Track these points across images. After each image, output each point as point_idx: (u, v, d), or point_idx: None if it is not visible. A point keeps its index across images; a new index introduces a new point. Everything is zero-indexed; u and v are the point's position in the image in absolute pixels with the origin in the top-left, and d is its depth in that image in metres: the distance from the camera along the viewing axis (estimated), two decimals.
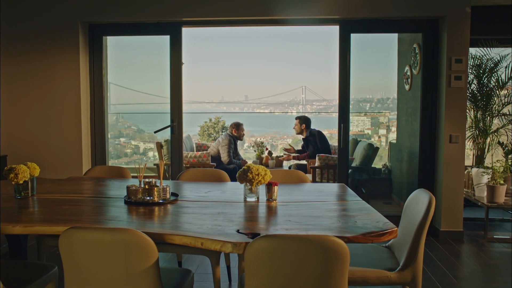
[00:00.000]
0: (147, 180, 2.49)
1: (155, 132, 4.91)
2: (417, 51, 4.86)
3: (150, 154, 9.33)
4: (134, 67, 8.33)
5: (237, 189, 2.81)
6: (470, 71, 4.94)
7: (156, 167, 6.01)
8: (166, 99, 4.71)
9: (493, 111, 4.95)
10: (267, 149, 6.63)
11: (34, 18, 4.55)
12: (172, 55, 4.62)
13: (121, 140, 9.40)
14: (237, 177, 2.45)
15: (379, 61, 7.66)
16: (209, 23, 4.63)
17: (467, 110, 4.75)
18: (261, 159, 6.43)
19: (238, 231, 1.92)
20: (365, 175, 5.77)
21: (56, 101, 4.60)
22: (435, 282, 3.29)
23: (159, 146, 5.67)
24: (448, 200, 4.39)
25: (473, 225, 4.88)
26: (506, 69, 4.95)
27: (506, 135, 5.02)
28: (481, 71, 4.94)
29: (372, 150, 5.68)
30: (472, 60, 4.94)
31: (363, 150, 5.75)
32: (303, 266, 1.66)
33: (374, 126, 9.32)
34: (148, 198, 2.45)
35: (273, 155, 6.46)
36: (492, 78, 4.94)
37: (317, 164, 5.51)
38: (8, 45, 4.59)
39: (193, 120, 10.71)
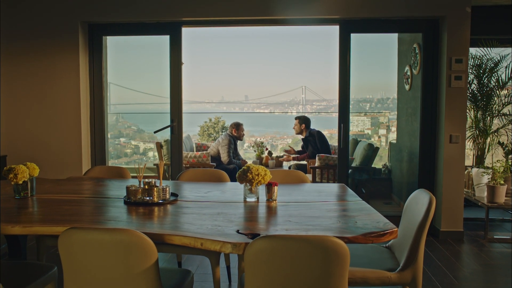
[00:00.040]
0: (146, 180, 2.49)
1: (155, 132, 4.91)
2: (417, 51, 4.85)
3: (150, 154, 9.33)
4: (134, 67, 8.32)
5: (237, 189, 2.81)
6: (470, 71, 4.93)
7: (156, 167, 6.01)
8: (166, 99, 4.71)
9: (493, 111, 4.95)
10: (267, 149, 6.63)
11: (34, 18, 4.55)
12: (172, 55, 4.62)
13: (121, 140, 9.39)
14: (237, 177, 2.44)
15: (379, 61, 7.65)
16: (209, 23, 4.63)
17: (467, 110, 4.75)
18: (261, 159, 6.43)
19: (238, 231, 1.92)
20: (365, 175, 5.77)
21: (56, 101, 4.60)
22: (435, 282, 3.29)
23: (159, 146, 5.66)
24: (448, 200, 4.39)
25: (473, 225, 4.87)
26: (506, 69, 4.94)
27: (506, 135, 5.02)
28: (481, 71, 4.93)
29: (372, 150, 5.68)
30: (472, 60, 4.93)
31: (363, 150, 5.75)
32: (303, 266, 1.65)
33: (374, 126, 9.31)
34: (147, 198, 2.45)
35: (273, 155, 6.45)
36: (492, 78, 4.93)
37: (317, 164, 5.50)
38: (8, 45, 4.58)
39: (193, 120, 10.71)
